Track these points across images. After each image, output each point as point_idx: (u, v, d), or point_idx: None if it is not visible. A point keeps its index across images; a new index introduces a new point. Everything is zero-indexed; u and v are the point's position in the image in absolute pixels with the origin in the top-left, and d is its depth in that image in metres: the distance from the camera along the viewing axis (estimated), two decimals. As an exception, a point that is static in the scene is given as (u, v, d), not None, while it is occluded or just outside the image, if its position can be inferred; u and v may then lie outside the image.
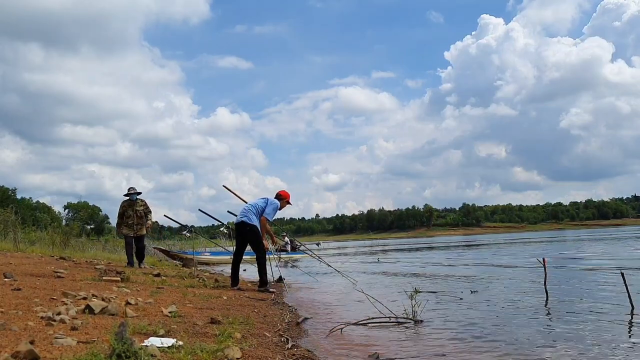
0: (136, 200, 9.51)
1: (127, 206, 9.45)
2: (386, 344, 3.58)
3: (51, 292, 4.31)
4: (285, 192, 7.17)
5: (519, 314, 4.79)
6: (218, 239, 20.68)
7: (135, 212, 9.43)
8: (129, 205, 9.45)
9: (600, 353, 3.20)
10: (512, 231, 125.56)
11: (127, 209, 9.43)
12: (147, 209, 9.61)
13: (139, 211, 9.46)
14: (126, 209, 9.44)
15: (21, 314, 3.09)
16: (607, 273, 8.09)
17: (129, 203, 9.47)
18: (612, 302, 5.15)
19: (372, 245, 43.46)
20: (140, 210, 9.48)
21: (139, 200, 9.55)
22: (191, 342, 2.76)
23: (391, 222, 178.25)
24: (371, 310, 4.80)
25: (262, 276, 6.70)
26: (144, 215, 9.55)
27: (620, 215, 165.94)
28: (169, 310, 3.82)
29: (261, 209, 6.78)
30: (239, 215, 6.93)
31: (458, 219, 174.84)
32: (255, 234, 6.69)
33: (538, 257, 7.01)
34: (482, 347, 3.46)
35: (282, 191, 7.17)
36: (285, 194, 7.15)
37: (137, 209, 9.45)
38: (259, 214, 6.77)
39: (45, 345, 2.33)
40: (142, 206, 9.56)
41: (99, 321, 3.10)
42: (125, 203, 9.51)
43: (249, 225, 6.67)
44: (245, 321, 3.83)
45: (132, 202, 9.46)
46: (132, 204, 9.45)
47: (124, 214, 9.43)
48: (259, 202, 6.89)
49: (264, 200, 6.92)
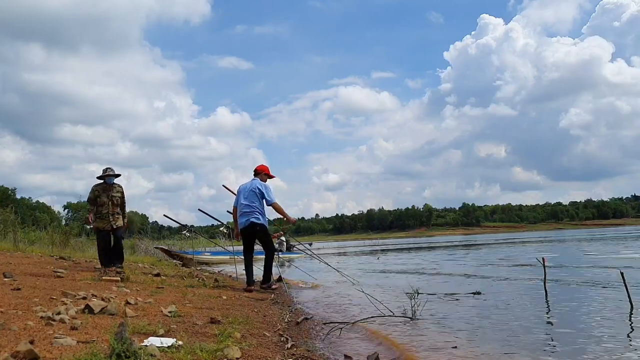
0: (113, 185, 7.74)
1: (101, 191, 7.62)
2: (386, 343, 3.58)
3: (51, 291, 4.31)
4: (263, 167, 6.88)
5: (518, 313, 4.79)
6: (218, 238, 20.66)
7: (111, 199, 7.63)
8: (104, 190, 7.64)
9: (600, 352, 3.20)
10: (512, 231, 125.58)
11: (101, 194, 7.60)
12: (123, 198, 7.88)
13: (115, 198, 7.68)
14: (99, 194, 7.60)
15: (21, 313, 3.09)
16: (606, 273, 8.08)
17: (103, 187, 7.66)
18: (612, 302, 5.15)
19: (372, 245, 43.45)
20: (117, 197, 7.72)
21: (115, 185, 7.79)
22: (191, 341, 2.76)
23: (391, 222, 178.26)
24: (371, 310, 4.81)
25: (267, 274, 6.70)
26: (121, 204, 7.82)
27: (620, 215, 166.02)
28: (169, 310, 3.82)
29: (261, 200, 6.55)
30: (242, 215, 6.58)
31: (458, 219, 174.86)
32: (266, 233, 6.64)
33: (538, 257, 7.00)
34: (483, 346, 3.46)
35: (260, 166, 6.89)
36: (263, 168, 6.87)
37: (114, 195, 7.68)
38: (262, 208, 6.58)
39: (44, 345, 2.32)
40: (120, 192, 7.81)
41: (98, 321, 3.10)
42: (98, 187, 7.67)
43: (259, 225, 6.52)
44: (245, 321, 3.83)
45: (107, 187, 7.67)
46: (108, 188, 7.67)
47: (96, 201, 7.60)
48: (252, 195, 6.54)
49: (252, 190, 6.57)
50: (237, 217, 6.73)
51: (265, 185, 6.67)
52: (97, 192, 7.63)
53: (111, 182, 7.73)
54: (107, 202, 7.58)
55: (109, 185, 7.70)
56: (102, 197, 7.58)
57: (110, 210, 7.59)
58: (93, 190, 7.69)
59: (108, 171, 7.71)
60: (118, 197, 7.73)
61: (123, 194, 7.87)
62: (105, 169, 7.74)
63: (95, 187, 7.71)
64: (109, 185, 7.70)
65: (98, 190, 7.64)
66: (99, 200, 7.59)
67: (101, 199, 7.58)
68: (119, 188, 7.81)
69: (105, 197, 7.59)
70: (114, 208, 7.65)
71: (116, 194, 7.72)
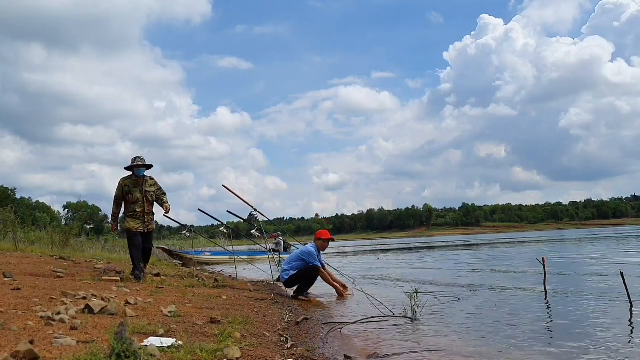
0: (144, 177, 6.52)
1: (132, 185, 6.45)
2: (386, 343, 3.58)
3: (51, 291, 4.31)
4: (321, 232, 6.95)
5: (518, 313, 4.79)
6: (218, 238, 20.68)
7: (145, 196, 6.44)
8: (134, 184, 6.45)
9: (600, 351, 3.20)
10: (512, 231, 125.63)
11: (132, 189, 6.43)
12: (160, 191, 6.68)
13: (149, 193, 6.49)
14: (129, 189, 6.43)
15: (21, 313, 3.09)
16: (607, 272, 8.08)
17: (134, 181, 6.47)
18: (612, 301, 5.15)
19: (372, 245, 43.45)
20: (152, 193, 6.52)
21: (147, 178, 6.56)
22: (191, 341, 2.76)
23: (391, 222, 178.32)
24: (370, 309, 4.81)
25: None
26: (157, 199, 6.61)
27: (620, 215, 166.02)
28: (169, 310, 3.82)
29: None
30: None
31: (458, 219, 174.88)
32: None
33: (538, 257, 7.00)
34: (483, 346, 3.46)
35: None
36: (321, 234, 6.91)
37: (147, 190, 6.48)
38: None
39: (44, 345, 2.32)
40: (154, 186, 6.59)
41: (98, 321, 3.10)
42: (127, 181, 6.48)
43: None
44: (245, 321, 3.83)
45: (138, 180, 6.48)
46: (140, 182, 6.47)
47: (126, 198, 6.42)
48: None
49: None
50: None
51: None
52: (126, 188, 6.42)
53: (142, 174, 6.49)
54: (140, 198, 6.41)
55: (140, 178, 6.49)
56: (133, 192, 6.41)
57: (146, 209, 6.44)
58: (121, 186, 6.44)
59: (137, 161, 6.46)
60: (152, 193, 6.54)
61: (159, 186, 6.69)
62: (134, 159, 6.50)
63: (124, 180, 6.48)
64: (140, 178, 6.49)
65: (128, 185, 6.44)
66: (130, 197, 6.40)
67: (133, 195, 6.40)
68: (151, 182, 6.59)
69: (138, 193, 6.42)
70: (149, 206, 6.49)
71: (150, 189, 6.52)
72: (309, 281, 6.52)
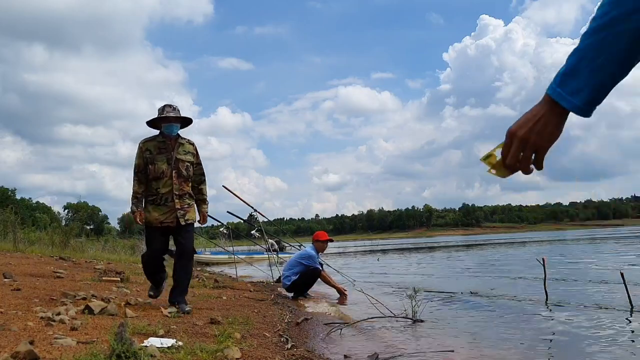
0: (178, 139, 4.20)
1: (155, 151, 4.11)
2: (386, 344, 3.58)
3: (51, 292, 4.31)
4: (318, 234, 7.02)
5: (518, 313, 4.79)
6: (218, 238, 20.67)
7: (177, 166, 4.10)
8: (160, 149, 4.12)
9: (600, 351, 3.20)
10: (512, 231, 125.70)
11: (155, 157, 4.08)
12: (200, 169, 4.32)
13: (185, 164, 4.15)
14: (152, 156, 4.09)
15: (21, 314, 3.09)
16: (606, 272, 8.08)
17: (159, 144, 4.14)
18: (612, 301, 5.15)
19: (372, 245, 43.43)
20: (187, 165, 4.17)
21: (185, 142, 4.23)
22: (191, 342, 2.76)
23: (391, 222, 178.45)
24: (371, 310, 4.80)
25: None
26: (195, 179, 4.28)
27: (620, 215, 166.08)
28: (169, 311, 3.83)
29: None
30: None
31: (458, 219, 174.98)
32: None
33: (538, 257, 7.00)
34: (483, 345, 3.46)
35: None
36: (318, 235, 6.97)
37: (180, 159, 4.13)
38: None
39: (44, 346, 2.32)
40: (191, 153, 4.23)
41: (98, 321, 3.10)
42: (149, 143, 4.15)
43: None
44: (245, 321, 3.83)
45: (168, 142, 4.14)
46: (170, 145, 4.14)
47: (146, 170, 4.09)
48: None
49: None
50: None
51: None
52: (148, 154, 4.09)
53: (174, 132, 4.19)
54: (166, 171, 4.07)
55: (172, 138, 4.18)
56: (157, 162, 4.07)
57: (176, 188, 4.08)
58: (141, 151, 4.12)
59: (167, 111, 4.14)
60: (188, 165, 4.17)
61: (199, 160, 4.31)
62: (162, 108, 4.21)
63: (145, 142, 4.17)
64: (172, 138, 4.18)
65: (149, 149, 4.12)
66: (151, 167, 4.07)
67: (157, 166, 4.06)
68: (189, 147, 4.23)
69: (164, 163, 4.08)
70: (183, 184, 4.14)
71: (185, 157, 4.17)
72: (309, 283, 6.54)
